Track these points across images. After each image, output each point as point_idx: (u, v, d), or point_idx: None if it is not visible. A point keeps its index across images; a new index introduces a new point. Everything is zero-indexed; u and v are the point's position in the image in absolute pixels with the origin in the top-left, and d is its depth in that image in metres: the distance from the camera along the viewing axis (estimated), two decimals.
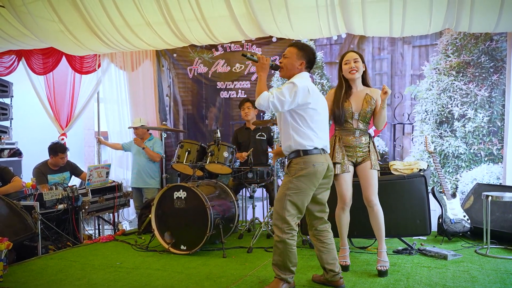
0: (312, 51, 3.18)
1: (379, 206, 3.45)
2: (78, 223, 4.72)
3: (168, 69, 6.50)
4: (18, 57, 6.96)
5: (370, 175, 3.45)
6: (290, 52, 3.13)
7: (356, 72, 3.46)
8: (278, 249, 2.98)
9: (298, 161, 2.98)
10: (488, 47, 5.07)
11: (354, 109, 3.46)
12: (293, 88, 2.92)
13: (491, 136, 5.06)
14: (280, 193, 3.01)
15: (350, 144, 3.49)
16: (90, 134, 7.80)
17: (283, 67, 3.14)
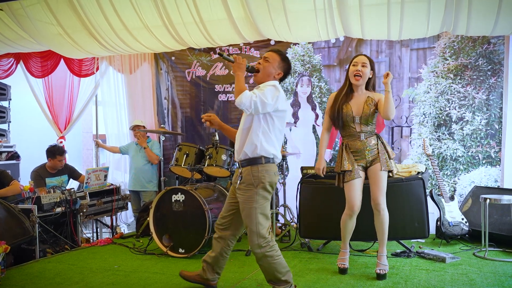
0: (290, 66, 3.12)
1: (386, 211, 3.40)
2: (76, 226, 4.71)
3: (166, 72, 6.50)
4: (16, 60, 6.95)
5: (379, 177, 3.40)
6: (273, 58, 3.02)
7: (360, 78, 3.45)
8: (263, 266, 2.91)
9: (260, 169, 2.86)
10: (486, 50, 5.08)
11: (355, 113, 3.46)
12: (275, 92, 2.88)
13: (489, 139, 5.07)
14: (248, 209, 2.85)
15: (357, 148, 3.47)
16: (88, 137, 7.79)
17: (261, 70, 3.01)
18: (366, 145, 3.45)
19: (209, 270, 3.19)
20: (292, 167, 5.79)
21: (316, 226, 4.26)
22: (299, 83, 5.87)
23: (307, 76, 5.84)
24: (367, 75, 3.47)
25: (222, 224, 3.13)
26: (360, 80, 3.46)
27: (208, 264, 3.19)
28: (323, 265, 3.78)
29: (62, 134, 6.82)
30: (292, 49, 5.87)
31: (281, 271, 2.88)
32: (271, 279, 2.92)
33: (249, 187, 2.87)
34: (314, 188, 4.23)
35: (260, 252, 2.86)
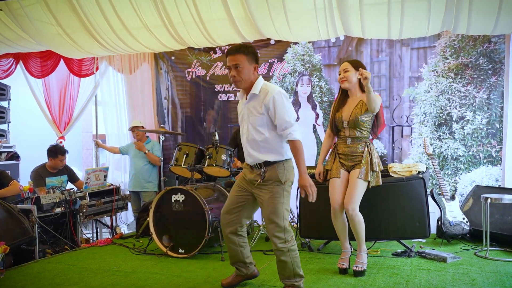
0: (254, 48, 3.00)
1: (357, 216, 3.44)
2: (76, 227, 4.70)
3: (166, 71, 6.49)
4: (16, 60, 6.95)
5: (353, 183, 3.46)
6: (240, 60, 2.89)
7: (345, 81, 3.51)
8: (286, 262, 2.92)
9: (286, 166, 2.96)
10: (487, 49, 5.07)
11: (344, 117, 3.54)
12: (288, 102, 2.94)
13: (489, 138, 5.06)
14: (276, 203, 2.90)
15: (343, 151, 3.56)
16: (88, 137, 7.79)
17: (240, 80, 2.92)
18: (352, 151, 3.52)
19: (243, 267, 3.24)
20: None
21: (316, 226, 4.24)
22: (299, 83, 5.86)
23: (307, 75, 5.82)
24: (351, 78, 3.52)
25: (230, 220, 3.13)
26: (346, 83, 3.53)
27: (237, 263, 3.23)
28: (324, 265, 3.77)
29: (62, 134, 6.82)
30: (292, 49, 5.86)
31: (299, 265, 2.97)
32: (290, 276, 2.95)
33: (276, 183, 2.92)
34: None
35: (286, 247, 2.90)
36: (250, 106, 2.97)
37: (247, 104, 2.99)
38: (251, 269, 3.26)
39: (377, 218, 3.97)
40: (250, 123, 2.96)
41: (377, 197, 3.96)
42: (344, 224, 3.57)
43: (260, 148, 2.96)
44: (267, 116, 2.92)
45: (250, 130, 2.97)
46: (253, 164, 3.01)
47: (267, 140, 2.94)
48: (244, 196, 3.10)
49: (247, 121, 2.99)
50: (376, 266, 3.70)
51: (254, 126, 2.95)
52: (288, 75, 5.90)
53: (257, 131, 2.95)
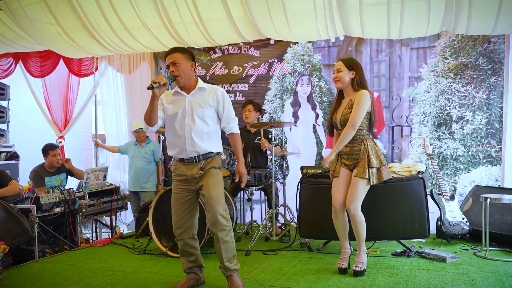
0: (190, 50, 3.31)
1: (359, 215, 3.42)
2: (75, 227, 4.70)
3: (166, 71, 6.47)
4: (15, 60, 6.95)
5: (353, 183, 3.46)
6: (177, 58, 3.14)
7: (338, 82, 3.50)
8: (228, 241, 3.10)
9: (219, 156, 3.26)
10: (486, 49, 5.07)
11: (337, 119, 3.54)
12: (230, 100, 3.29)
13: (489, 138, 5.06)
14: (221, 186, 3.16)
15: (344, 151, 3.55)
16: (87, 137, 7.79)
17: (181, 75, 3.14)
18: (350, 150, 3.50)
19: (198, 271, 3.31)
20: (292, 167, 5.78)
21: (316, 226, 4.24)
22: (299, 83, 5.86)
23: (307, 75, 5.83)
24: (344, 77, 3.48)
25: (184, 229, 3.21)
26: (339, 83, 3.51)
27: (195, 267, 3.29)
28: (323, 265, 3.77)
29: (62, 134, 6.82)
30: (292, 49, 5.86)
31: None
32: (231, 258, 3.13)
33: (217, 170, 3.19)
34: (314, 188, 4.22)
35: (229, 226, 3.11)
36: (197, 99, 3.17)
37: (191, 98, 3.17)
38: (203, 273, 3.35)
39: (376, 218, 3.97)
40: (197, 115, 3.14)
41: (377, 197, 3.96)
42: (345, 223, 3.57)
43: (207, 138, 3.17)
44: (215, 110, 3.20)
45: (197, 121, 3.14)
46: (192, 157, 3.15)
47: (211, 131, 3.19)
48: (189, 199, 3.21)
49: (190, 113, 3.14)
50: (376, 266, 3.70)
51: (202, 118, 3.15)
52: (288, 75, 5.90)
53: (204, 123, 3.16)
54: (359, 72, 3.48)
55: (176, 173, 3.23)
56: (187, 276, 3.29)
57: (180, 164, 3.21)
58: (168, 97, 3.25)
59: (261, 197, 5.47)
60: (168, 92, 3.27)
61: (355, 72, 3.47)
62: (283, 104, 5.93)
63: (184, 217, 3.20)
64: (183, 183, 3.19)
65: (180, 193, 3.20)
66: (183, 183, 3.19)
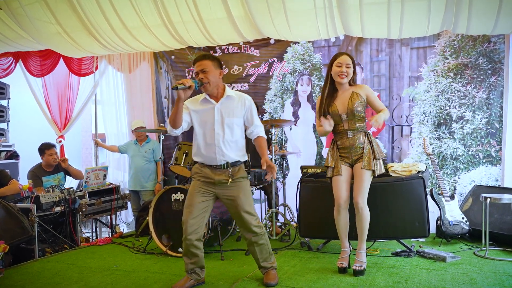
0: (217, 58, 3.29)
1: (366, 210, 3.43)
2: (75, 226, 4.70)
3: (166, 71, 6.49)
4: (15, 59, 6.94)
5: (360, 176, 3.44)
6: (207, 65, 3.14)
7: (345, 77, 3.48)
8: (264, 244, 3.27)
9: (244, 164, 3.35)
10: (486, 49, 5.07)
11: (341, 111, 3.49)
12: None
13: (489, 138, 5.06)
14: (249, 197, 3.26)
15: (344, 145, 3.51)
16: (87, 136, 7.78)
17: (210, 82, 3.14)
18: (354, 143, 3.49)
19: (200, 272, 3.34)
20: (292, 166, 5.78)
21: (316, 225, 4.25)
22: (299, 82, 5.86)
23: (307, 75, 5.83)
24: (351, 75, 3.51)
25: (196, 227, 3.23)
26: (346, 79, 3.50)
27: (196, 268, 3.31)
28: (323, 265, 3.77)
29: (61, 134, 6.81)
30: (292, 48, 5.86)
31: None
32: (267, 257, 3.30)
33: (245, 179, 3.27)
34: (314, 187, 4.22)
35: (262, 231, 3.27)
36: (226, 107, 3.20)
37: (220, 106, 3.19)
38: (203, 273, 3.38)
39: (376, 217, 3.96)
40: (227, 124, 3.18)
41: (377, 197, 3.96)
42: (346, 222, 3.55)
43: (235, 148, 3.23)
44: (243, 118, 3.25)
45: (226, 130, 3.18)
46: (222, 163, 3.20)
47: (238, 140, 3.26)
48: (208, 201, 3.25)
49: (220, 122, 3.18)
50: (376, 265, 3.70)
51: (231, 127, 3.20)
52: (288, 74, 5.90)
53: (233, 131, 3.21)
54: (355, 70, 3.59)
55: (201, 174, 3.24)
56: (187, 276, 3.30)
57: (206, 168, 3.23)
58: (195, 104, 3.25)
59: (261, 197, 5.47)
60: (195, 98, 3.27)
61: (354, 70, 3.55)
62: (283, 104, 5.93)
63: (197, 217, 3.21)
64: (207, 185, 3.23)
65: (201, 194, 3.23)
66: (207, 185, 3.23)
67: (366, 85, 3.58)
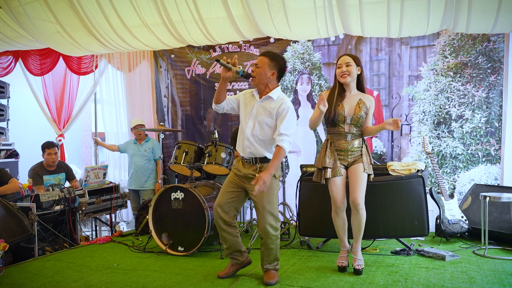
0: (283, 61, 3.36)
1: (364, 210, 3.44)
2: (75, 225, 4.70)
3: (166, 70, 6.49)
4: (15, 58, 6.94)
5: (360, 177, 3.45)
6: (262, 61, 3.26)
7: (347, 76, 3.45)
8: (273, 248, 3.26)
9: None
10: (486, 48, 5.08)
11: (346, 113, 3.48)
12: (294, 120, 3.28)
13: (488, 137, 5.07)
14: (271, 195, 3.23)
15: (342, 147, 3.51)
16: (87, 135, 7.78)
17: (256, 76, 3.26)
18: (350, 146, 3.49)
19: (239, 256, 3.44)
20: (292, 165, 5.78)
21: (315, 224, 4.25)
22: (299, 81, 5.87)
23: (307, 74, 5.83)
24: (354, 73, 3.47)
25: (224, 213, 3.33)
26: (348, 78, 3.46)
27: (233, 253, 3.42)
28: (323, 263, 3.78)
29: (61, 132, 6.81)
30: (292, 47, 5.85)
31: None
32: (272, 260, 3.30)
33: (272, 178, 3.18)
34: (314, 186, 4.22)
35: (276, 235, 3.26)
36: (264, 105, 3.27)
37: (260, 103, 3.28)
38: (245, 256, 3.48)
39: (376, 216, 3.98)
40: (258, 121, 3.25)
41: (376, 196, 3.97)
42: (345, 222, 3.56)
43: (262, 145, 3.25)
44: (275, 121, 3.24)
45: (257, 126, 3.25)
46: (250, 157, 3.28)
47: (267, 139, 3.25)
48: (237, 191, 3.35)
49: (255, 117, 3.26)
50: (375, 264, 3.71)
51: (261, 125, 3.24)
52: (287, 73, 5.90)
53: (262, 129, 3.25)
54: (362, 69, 3.55)
55: (235, 167, 3.39)
56: (230, 263, 3.47)
57: (240, 161, 3.36)
58: (246, 96, 3.40)
59: None
60: (250, 91, 3.40)
61: (361, 68, 3.52)
62: None
63: (227, 204, 3.34)
64: (236, 177, 3.36)
65: (231, 183, 3.38)
66: (238, 178, 3.36)
67: (373, 99, 3.58)
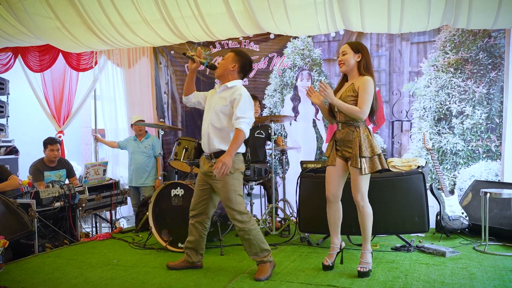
0: (249, 61, 3.41)
1: (367, 208, 3.30)
2: (75, 221, 4.70)
3: (165, 66, 6.47)
4: (14, 54, 6.93)
5: (352, 174, 3.30)
6: (228, 55, 3.37)
7: (343, 65, 3.34)
8: (250, 239, 3.27)
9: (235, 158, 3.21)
10: (486, 43, 5.06)
11: None
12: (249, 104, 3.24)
13: (489, 133, 5.06)
14: (228, 191, 3.23)
15: (337, 138, 3.39)
16: (87, 131, 7.78)
17: (219, 67, 3.37)
18: (344, 137, 3.31)
19: (193, 254, 3.53)
20: (292, 162, 5.78)
21: (315, 221, 4.24)
22: (299, 77, 5.85)
23: (307, 70, 5.81)
24: (350, 61, 3.31)
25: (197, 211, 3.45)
26: (344, 67, 3.34)
27: (190, 249, 3.53)
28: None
29: (61, 129, 6.81)
30: (292, 43, 5.84)
31: (263, 240, 3.33)
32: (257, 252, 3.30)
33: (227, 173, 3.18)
34: (314, 183, 4.21)
35: (246, 227, 3.25)
36: (221, 96, 3.30)
37: (218, 94, 3.33)
38: (198, 259, 3.56)
39: (376, 212, 3.93)
40: (215, 111, 3.27)
41: (376, 192, 3.96)
42: (337, 216, 3.45)
43: (219, 135, 3.27)
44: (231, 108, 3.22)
45: (213, 116, 3.28)
46: (208, 153, 3.32)
47: (225, 129, 3.26)
48: (206, 189, 3.41)
49: (213, 108, 3.30)
50: (375, 260, 3.70)
51: (217, 114, 3.26)
52: (288, 69, 5.88)
53: (219, 119, 3.26)
54: (365, 55, 3.32)
55: (200, 164, 3.47)
56: (183, 257, 3.57)
57: (203, 157, 3.42)
58: (211, 92, 3.47)
59: (261, 192, 5.47)
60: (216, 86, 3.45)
61: (361, 55, 3.30)
62: (283, 99, 5.92)
63: (200, 203, 3.42)
64: (202, 174, 3.41)
65: (199, 181, 3.43)
66: (202, 175, 3.41)
67: (367, 78, 3.25)
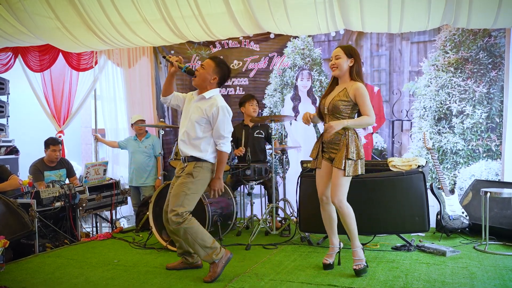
0: (228, 70, 3.45)
1: (346, 208, 3.28)
2: (76, 221, 4.70)
3: (165, 66, 6.47)
4: (14, 54, 6.93)
5: (333, 174, 3.31)
6: (208, 64, 3.35)
7: (336, 69, 3.35)
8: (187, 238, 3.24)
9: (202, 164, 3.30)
10: (487, 43, 5.06)
11: (326, 104, 3.38)
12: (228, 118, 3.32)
13: (489, 133, 5.06)
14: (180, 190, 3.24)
15: (325, 140, 3.39)
16: (87, 131, 7.78)
17: (198, 76, 3.34)
18: (332, 139, 3.33)
19: (188, 257, 3.55)
20: (293, 161, 5.78)
21: (316, 220, 4.22)
22: (299, 77, 5.85)
23: (307, 70, 5.81)
24: (343, 65, 3.32)
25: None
26: (337, 71, 3.35)
27: (183, 253, 3.54)
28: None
29: (61, 129, 6.81)
30: (292, 43, 5.84)
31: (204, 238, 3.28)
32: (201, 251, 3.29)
33: (188, 176, 3.28)
34: (314, 182, 4.19)
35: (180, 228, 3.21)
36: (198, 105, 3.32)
37: (195, 103, 3.34)
38: (195, 258, 3.56)
39: (376, 212, 3.97)
40: (191, 120, 3.30)
41: (376, 191, 3.96)
42: (331, 218, 3.45)
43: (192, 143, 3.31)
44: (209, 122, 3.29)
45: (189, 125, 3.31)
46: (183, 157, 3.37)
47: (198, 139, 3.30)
48: None
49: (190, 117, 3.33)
50: (376, 260, 3.71)
51: (193, 124, 3.29)
52: (288, 69, 5.88)
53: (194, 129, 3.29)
54: (357, 60, 3.34)
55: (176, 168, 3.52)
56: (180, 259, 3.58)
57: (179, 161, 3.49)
58: (189, 97, 3.48)
59: (261, 191, 5.47)
60: (194, 92, 3.48)
61: (354, 60, 3.32)
62: (283, 99, 5.93)
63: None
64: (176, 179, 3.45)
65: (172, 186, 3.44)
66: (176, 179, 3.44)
67: (360, 85, 3.27)
